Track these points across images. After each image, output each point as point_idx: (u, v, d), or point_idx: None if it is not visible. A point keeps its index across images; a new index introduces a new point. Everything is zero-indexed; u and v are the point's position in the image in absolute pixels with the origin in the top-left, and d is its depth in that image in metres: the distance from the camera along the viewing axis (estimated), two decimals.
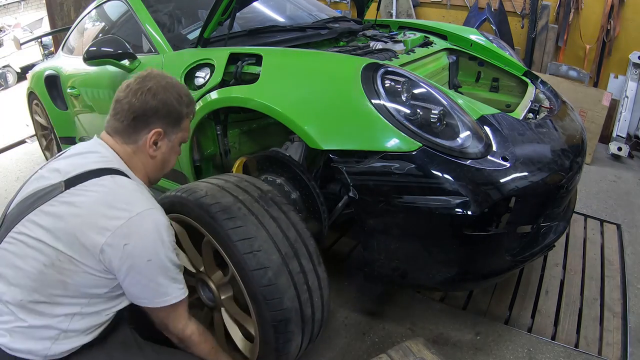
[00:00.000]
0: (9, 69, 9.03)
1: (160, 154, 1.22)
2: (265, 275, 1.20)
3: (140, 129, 1.16)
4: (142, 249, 1.01)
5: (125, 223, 1.00)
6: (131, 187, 1.08)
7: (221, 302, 1.41)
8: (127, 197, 1.05)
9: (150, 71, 1.20)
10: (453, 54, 2.25)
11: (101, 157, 1.12)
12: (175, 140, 1.24)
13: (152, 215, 1.04)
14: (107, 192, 1.03)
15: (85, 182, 1.04)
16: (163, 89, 1.16)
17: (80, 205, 1.01)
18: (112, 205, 1.01)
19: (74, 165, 1.09)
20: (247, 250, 1.21)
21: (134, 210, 1.02)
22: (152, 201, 1.09)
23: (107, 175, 1.06)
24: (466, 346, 1.66)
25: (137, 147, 1.18)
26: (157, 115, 1.16)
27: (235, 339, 1.42)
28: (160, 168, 1.25)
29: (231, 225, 1.23)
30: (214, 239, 1.27)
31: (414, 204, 1.27)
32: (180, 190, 1.37)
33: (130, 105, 1.14)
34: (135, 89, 1.15)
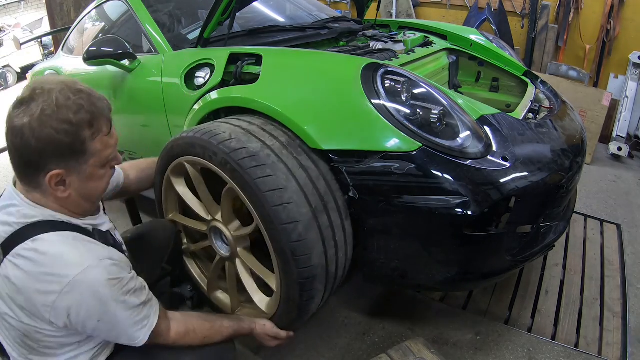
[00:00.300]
0: (9, 69, 9.03)
1: (74, 190, 1.00)
2: (296, 230, 1.16)
3: (34, 175, 0.96)
4: (86, 314, 0.95)
5: (58, 297, 0.92)
6: (54, 250, 0.94)
7: (237, 253, 1.37)
8: (51, 265, 0.93)
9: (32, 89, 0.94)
10: (453, 54, 2.25)
11: (19, 212, 0.97)
12: (89, 170, 0.99)
13: (83, 280, 0.93)
14: (32, 264, 0.93)
15: (14, 248, 0.94)
16: (40, 125, 0.90)
17: (15, 282, 0.94)
18: (40, 279, 0.92)
19: (2, 224, 0.98)
20: (277, 203, 1.15)
21: (63, 279, 0.92)
22: (81, 254, 0.95)
23: (28, 241, 0.94)
24: (466, 346, 1.66)
25: (42, 191, 0.98)
26: (45, 157, 0.93)
27: (251, 291, 1.39)
28: (83, 202, 1.04)
29: (260, 173, 1.17)
30: (239, 188, 1.20)
31: (414, 204, 1.27)
32: (198, 132, 1.29)
33: (15, 149, 0.93)
34: (14, 127, 0.92)
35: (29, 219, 0.97)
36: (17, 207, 0.98)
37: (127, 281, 1.00)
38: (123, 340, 1.04)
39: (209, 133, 1.28)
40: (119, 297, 0.98)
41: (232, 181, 1.23)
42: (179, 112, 1.77)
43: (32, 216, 0.97)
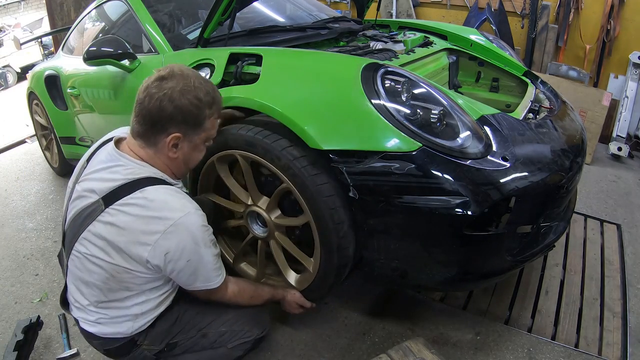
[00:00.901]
0: (9, 69, 9.03)
1: (182, 154, 1.22)
2: (342, 228, 1.36)
3: (158, 134, 1.16)
4: (181, 253, 1.13)
5: (161, 236, 1.10)
6: (161, 197, 1.13)
7: (275, 236, 1.58)
8: (159, 209, 1.11)
9: (170, 69, 1.16)
10: (453, 54, 2.25)
11: (126, 169, 1.16)
12: (197, 140, 1.23)
13: (185, 223, 1.12)
14: (140, 209, 1.11)
15: (120, 199, 1.12)
16: (179, 94, 1.13)
17: (120, 224, 1.11)
18: (147, 221, 1.11)
19: (104, 181, 1.16)
20: (331, 207, 1.34)
21: (168, 221, 1.10)
22: (184, 203, 1.15)
23: (137, 191, 1.12)
24: (466, 346, 1.66)
25: (157, 149, 1.19)
26: (174, 121, 1.15)
27: (283, 268, 1.62)
28: (183, 166, 1.27)
29: (319, 181, 1.34)
30: (298, 191, 1.37)
31: (414, 204, 1.27)
32: (259, 133, 1.43)
33: (148, 110, 1.14)
34: (152, 94, 1.13)
35: (136, 175, 1.15)
36: (124, 166, 1.17)
37: (211, 231, 1.21)
38: (199, 282, 1.22)
39: (271, 137, 1.41)
40: (207, 242, 1.18)
41: (292, 184, 1.38)
42: None
43: (139, 173, 1.16)
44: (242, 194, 1.62)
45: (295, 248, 1.57)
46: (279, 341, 1.70)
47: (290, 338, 1.72)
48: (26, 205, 2.97)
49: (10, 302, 2.04)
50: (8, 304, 2.03)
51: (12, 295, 2.08)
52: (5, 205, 3.01)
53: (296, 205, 1.46)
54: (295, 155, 1.36)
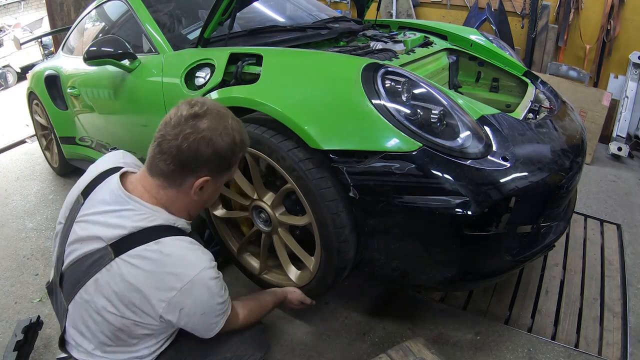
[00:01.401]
0: (9, 69, 9.03)
1: (205, 196, 1.15)
2: (343, 232, 1.38)
3: (187, 176, 1.08)
4: (197, 308, 1.08)
5: (178, 294, 1.04)
6: (178, 252, 1.05)
7: (277, 232, 1.61)
8: (176, 266, 1.04)
9: (204, 106, 1.07)
10: (453, 54, 2.25)
11: (137, 215, 1.06)
12: (220, 183, 1.17)
13: (202, 280, 1.06)
14: (155, 264, 1.03)
15: (132, 249, 1.03)
16: (218, 137, 1.05)
17: (132, 279, 1.03)
18: (163, 278, 1.03)
19: (111, 227, 1.06)
20: (333, 211, 1.35)
21: (185, 279, 1.03)
22: (199, 257, 1.08)
23: (151, 242, 1.04)
24: (466, 346, 1.66)
25: (180, 190, 1.10)
26: (208, 165, 1.07)
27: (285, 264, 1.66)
28: (201, 207, 1.21)
29: (323, 185, 1.35)
30: (302, 193, 1.38)
31: (414, 204, 1.27)
32: (266, 132, 1.43)
33: (180, 150, 1.03)
34: (187, 133, 1.03)
35: (149, 223, 1.06)
36: (134, 211, 1.07)
37: (221, 278, 1.14)
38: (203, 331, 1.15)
39: (277, 137, 1.41)
40: (221, 292, 1.12)
41: (296, 186, 1.39)
42: None
43: (153, 220, 1.07)
44: (248, 188, 1.64)
45: (297, 245, 1.59)
46: (279, 341, 1.70)
47: (290, 338, 1.72)
48: (26, 205, 2.97)
49: (10, 302, 2.04)
50: (8, 304, 2.03)
51: (12, 295, 2.08)
52: (5, 205, 3.01)
53: (300, 204, 1.47)
54: (300, 157, 1.37)
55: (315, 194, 1.35)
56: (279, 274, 1.75)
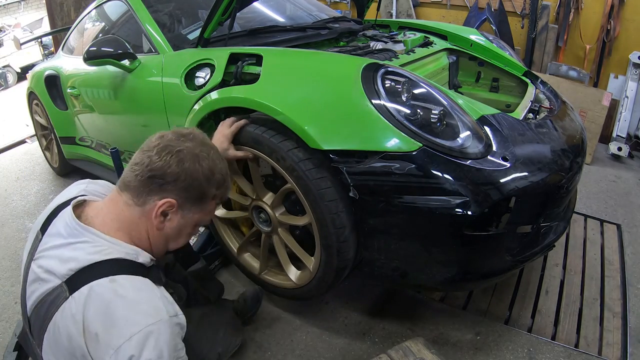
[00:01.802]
0: (9, 69, 9.02)
1: (169, 228, 1.05)
2: (343, 233, 1.37)
3: (151, 193, 1.01)
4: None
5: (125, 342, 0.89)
6: (132, 295, 0.94)
7: (277, 232, 1.62)
8: (128, 310, 0.92)
9: (193, 132, 1.05)
10: (453, 54, 2.25)
11: (93, 247, 0.97)
12: (190, 220, 1.08)
13: (154, 332, 0.92)
14: (106, 305, 0.91)
15: (83, 285, 0.93)
16: (194, 158, 1.01)
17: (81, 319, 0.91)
18: (112, 323, 0.91)
19: (64, 261, 0.96)
20: (333, 212, 1.35)
21: (136, 327, 0.90)
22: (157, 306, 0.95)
23: (104, 279, 0.93)
24: (466, 346, 1.66)
25: (143, 212, 1.02)
26: (176, 184, 1.01)
27: (284, 264, 1.66)
28: (164, 243, 1.08)
29: (323, 185, 1.35)
30: (302, 193, 1.38)
31: (414, 204, 1.27)
32: (266, 132, 1.43)
33: (151, 161, 0.99)
34: (164, 146, 1.00)
35: (105, 256, 0.96)
36: (90, 242, 0.98)
37: (180, 347, 0.98)
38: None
39: (277, 137, 1.41)
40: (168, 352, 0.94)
41: (296, 186, 1.39)
42: (179, 112, 1.77)
43: (109, 253, 0.97)
44: (248, 188, 1.65)
45: (296, 245, 1.59)
46: (279, 341, 1.70)
47: (290, 338, 1.72)
48: (26, 205, 2.97)
49: (10, 302, 2.04)
50: (8, 304, 2.03)
51: (12, 295, 2.08)
52: (5, 205, 3.01)
53: (300, 204, 1.47)
54: (300, 157, 1.37)
55: (315, 194, 1.35)
56: (277, 272, 1.76)
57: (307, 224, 1.47)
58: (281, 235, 1.62)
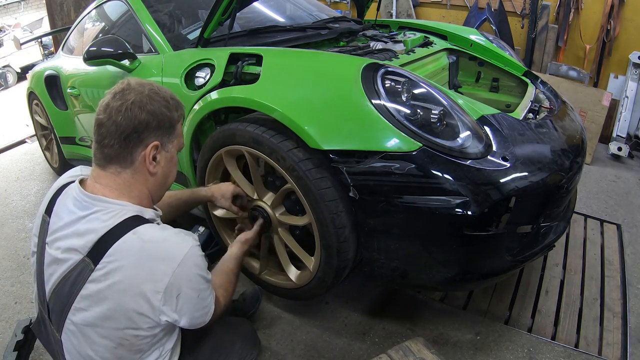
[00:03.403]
0: (9, 69, 9.02)
1: (161, 168, 1.11)
2: (343, 233, 1.37)
3: (134, 148, 1.04)
4: (192, 290, 1.05)
5: (170, 279, 0.99)
6: (158, 236, 1.02)
7: (277, 232, 1.62)
8: (159, 250, 1.00)
9: (127, 82, 1.07)
10: (453, 54, 2.25)
11: (107, 214, 1.01)
12: (172, 150, 1.14)
13: (190, 259, 1.02)
14: (138, 254, 0.98)
15: (110, 249, 0.97)
16: (148, 99, 1.05)
17: (119, 279, 0.97)
18: (150, 267, 0.98)
19: (83, 235, 0.99)
20: (333, 212, 1.35)
21: (173, 262, 1.00)
22: (183, 237, 1.05)
23: (127, 234, 0.99)
24: (466, 346, 1.66)
25: (135, 169, 1.06)
26: (149, 129, 1.05)
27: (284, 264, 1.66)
28: (162, 184, 1.15)
29: (323, 185, 1.35)
30: (301, 193, 1.38)
31: (414, 204, 1.27)
32: (266, 132, 1.43)
33: (117, 125, 1.01)
34: (117, 107, 1.02)
35: (121, 217, 1.01)
36: (103, 210, 1.01)
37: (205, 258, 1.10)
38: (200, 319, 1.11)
39: (277, 136, 1.41)
40: (207, 272, 1.11)
41: (296, 186, 1.39)
42: None
43: (124, 214, 1.02)
44: (248, 188, 1.64)
45: (296, 245, 1.59)
46: (279, 341, 1.70)
47: (290, 338, 1.72)
48: (26, 205, 2.97)
49: (10, 302, 2.04)
50: (8, 304, 2.03)
51: (12, 295, 2.08)
52: (5, 205, 3.01)
53: (300, 204, 1.47)
54: (300, 157, 1.36)
55: (315, 194, 1.35)
56: (277, 272, 1.75)
57: (307, 224, 1.47)
58: (281, 235, 1.62)
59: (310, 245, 1.53)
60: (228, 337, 1.33)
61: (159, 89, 1.10)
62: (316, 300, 1.87)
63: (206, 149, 1.68)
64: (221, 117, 1.75)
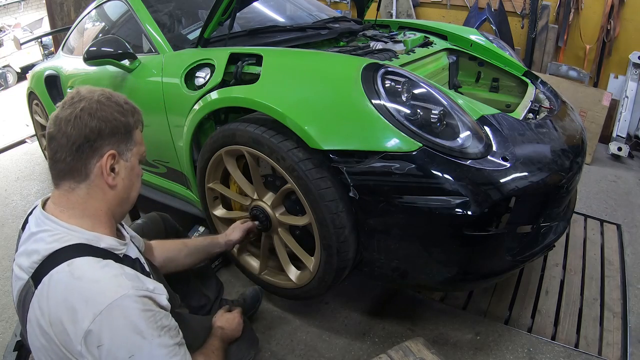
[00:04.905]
0: (9, 69, 9.02)
1: (121, 180, 1.02)
2: (343, 233, 1.38)
3: (88, 159, 0.96)
4: (118, 345, 0.87)
5: (92, 324, 0.85)
6: (90, 274, 0.89)
7: (277, 232, 1.63)
8: (85, 291, 0.87)
9: (76, 91, 1.00)
10: (453, 54, 2.25)
11: (51, 236, 0.94)
12: (132, 160, 1.04)
13: (119, 307, 0.86)
14: (64, 291, 0.87)
15: (45, 276, 0.89)
16: (98, 104, 0.97)
17: (46, 310, 0.88)
18: (72, 307, 0.86)
19: (29, 255, 0.93)
20: (333, 211, 1.35)
21: (96, 307, 0.85)
22: (119, 282, 0.90)
23: (62, 264, 0.89)
24: (466, 346, 1.66)
25: (90, 182, 0.97)
26: (102, 136, 0.97)
27: (285, 264, 1.66)
28: (124, 199, 1.05)
29: (323, 185, 1.35)
30: (302, 193, 1.38)
31: (414, 204, 1.27)
32: (266, 132, 1.43)
33: (67, 136, 0.94)
34: (66, 117, 0.95)
35: (63, 243, 0.92)
36: (49, 231, 0.95)
37: (161, 316, 0.94)
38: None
39: (277, 137, 1.41)
40: (153, 332, 0.91)
41: (296, 186, 1.39)
42: (179, 112, 1.77)
43: (67, 240, 0.93)
44: (248, 188, 1.65)
45: (296, 245, 1.59)
46: (279, 341, 1.70)
47: (290, 338, 1.72)
48: (26, 205, 2.97)
49: (10, 302, 2.04)
50: (8, 304, 2.03)
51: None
52: (5, 205, 3.01)
53: (300, 204, 1.47)
54: (300, 157, 1.36)
55: (315, 194, 1.35)
56: (276, 273, 1.76)
57: (307, 224, 1.47)
58: (281, 235, 1.62)
59: (310, 245, 1.53)
60: None
61: (111, 94, 1.02)
62: (316, 300, 1.87)
63: (206, 149, 1.68)
64: (221, 117, 1.75)
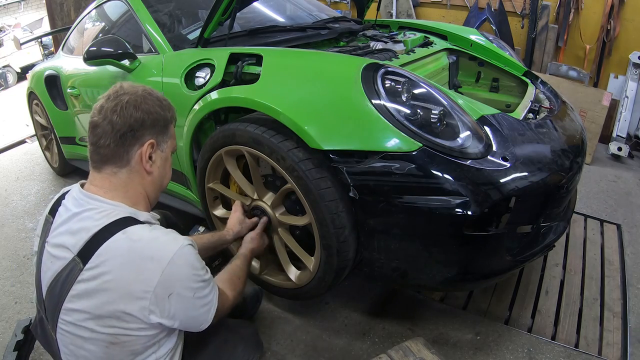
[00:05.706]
0: (9, 69, 9.04)
1: (157, 168, 1.12)
2: (343, 233, 1.37)
3: (130, 146, 1.05)
4: (185, 290, 1.01)
5: (160, 278, 0.96)
6: (147, 235, 1.00)
7: (277, 232, 1.63)
8: (148, 249, 0.98)
9: (120, 85, 1.10)
10: (453, 54, 2.25)
11: (99, 213, 1.01)
12: (167, 150, 1.15)
13: (180, 257, 0.99)
14: (126, 254, 0.96)
15: (99, 249, 0.96)
16: (142, 98, 1.07)
17: (107, 278, 0.95)
18: (138, 267, 0.96)
19: (75, 233, 1.00)
20: (333, 212, 1.35)
21: (162, 261, 0.97)
22: (174, 237, 1.03)
23: (117, 234, 0.97)
24: (466, 346, 1.66)
25: (131, 168, 1.07)
26: (145, 127, 1.06)
27: (284, 263, 1.66)
28: (159, 185, 1.16)
29: (323, 185, 1.35)
30: (302, 193, 1.38)
31: (414, 204, 1.27)
32: (266, 132, 1.43)
33: (113, 124, 1.03)
34: (112, 107, 1.04)
35: (112, 217, 1.00)
36: (96, 209, 1.02)
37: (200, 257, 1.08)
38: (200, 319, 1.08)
39: (277, 136, 1.41)
40: (204, 269, 1.07)
41: (296, 186, 1.39)
42: (179, 112, 1.75)
43: (116, 214, 1.01)
44: (248, 188, 1.65)
45: (297, 245, 1.59)
46: (279, 341, 1.70)
47: (290, 338, 1.72)
48: (26, 205, 2.97)
49: (10, 302, 2.04)
50: (8, 304, 2.03)
51: (12, 295, 2.08)
52: (5, 205, 3.01)
53: (300, 204, 1.47)
54: (300, 157, 1.36)
55: (315, 194, 1.35)
56: (278, 272, 1.75)
57: (307, 224, 1.47)
58: (281, 235, 1.62)
59: (310, 245, 1.53)
60: (230, 341, 1.33)
61: (152, 90, 1.12)
62: (316, 300, 1.87)
63: (206, 149, 1.68)
64: (221, 117, 1.75)
